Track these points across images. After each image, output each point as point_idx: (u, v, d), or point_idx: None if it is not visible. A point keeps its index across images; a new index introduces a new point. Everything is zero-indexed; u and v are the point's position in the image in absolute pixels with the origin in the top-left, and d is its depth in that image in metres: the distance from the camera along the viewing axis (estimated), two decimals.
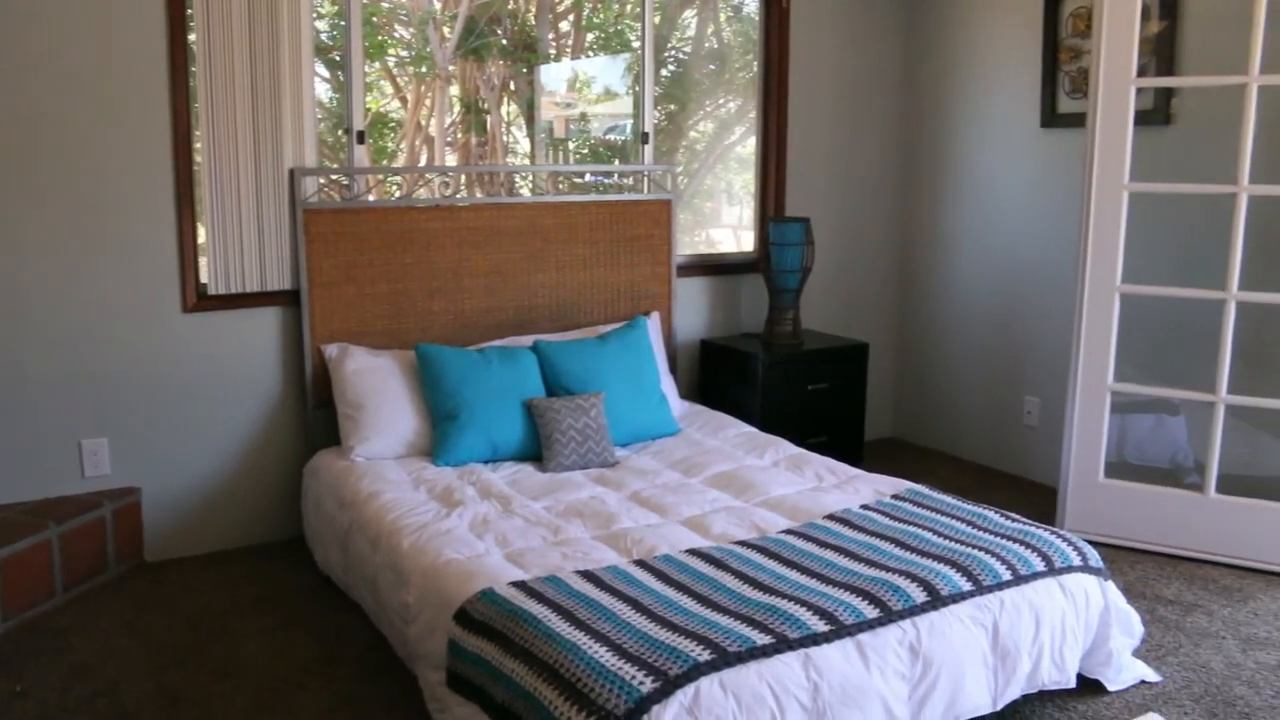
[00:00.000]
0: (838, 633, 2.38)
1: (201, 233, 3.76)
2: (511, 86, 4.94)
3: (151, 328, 3.70)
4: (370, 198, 4.02)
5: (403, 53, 4.85)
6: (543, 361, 3.87)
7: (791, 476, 3.52)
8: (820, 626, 2.37)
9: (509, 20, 4.79)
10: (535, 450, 3.68)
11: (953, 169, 4.99)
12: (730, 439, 3.94)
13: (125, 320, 3.65)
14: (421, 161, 4.90)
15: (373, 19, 4.56)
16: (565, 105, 4.98)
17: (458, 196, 4.19)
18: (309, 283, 3.85)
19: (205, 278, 3.78)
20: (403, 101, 4.87)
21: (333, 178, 3.96)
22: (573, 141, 4.98)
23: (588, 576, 2.64)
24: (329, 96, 4.28)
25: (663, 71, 4.99)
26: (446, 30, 4.68)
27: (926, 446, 5.28)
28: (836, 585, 2.57)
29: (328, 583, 3.59)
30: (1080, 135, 4.03)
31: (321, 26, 4.16)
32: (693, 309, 4.79)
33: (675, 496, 3.31)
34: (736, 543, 2.88)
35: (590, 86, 4.92)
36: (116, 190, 3.58)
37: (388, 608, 2.97)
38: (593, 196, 4.45)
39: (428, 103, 4.85)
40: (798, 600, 2.47)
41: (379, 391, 3.73)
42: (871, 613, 2.45)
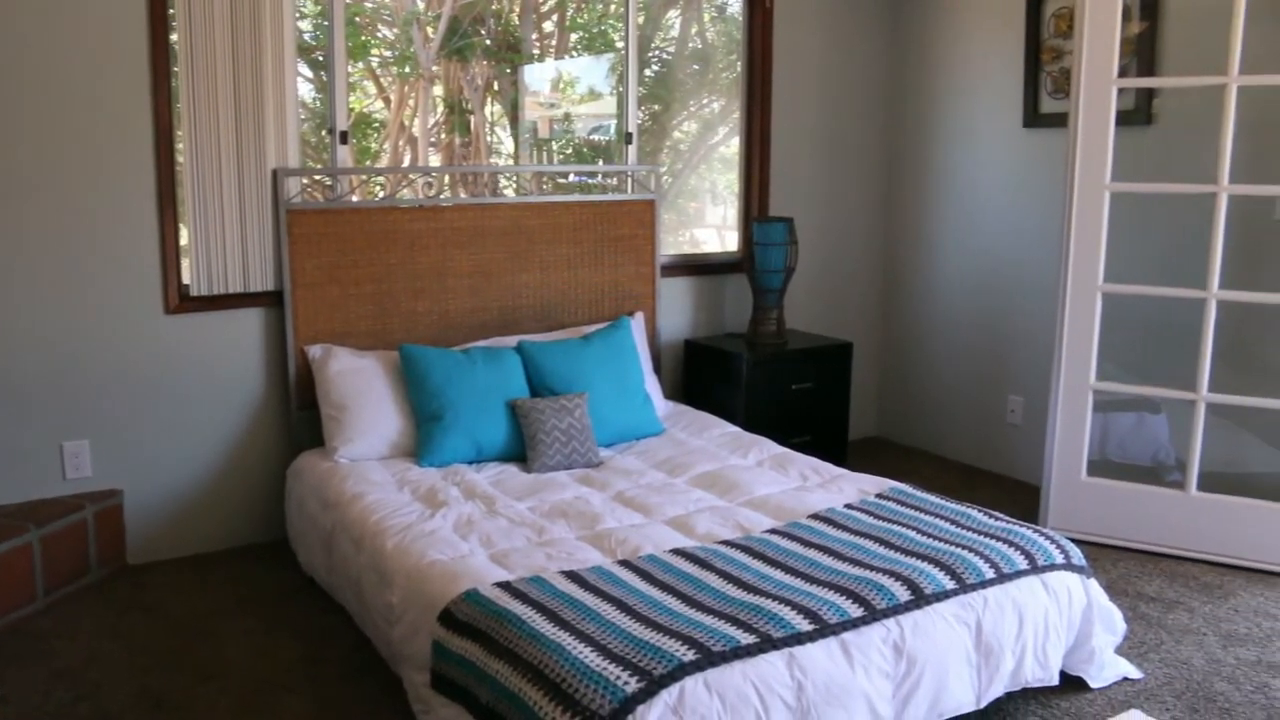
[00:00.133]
0: (822, 632, 2.38)
1: (184, 233, 3.74)
2: (495, 87, 4.93)
3: (133, 329, 3.68)
4: (354, 198, 4.00)
5: (386, 53, 4.83)
6: (527, 362, 3.87)
7: (776, 476, 3.52)
8: (804, 625, 2.38)
9: (493, 20, 4.78)
10: (519, 451, 3.68)
11: (936, 168, 5.01)
12: (714, 439, 3.94)
13: (107, 321, 3.63)
14: (405, 162, 4.89)
15: (356, 19, 4.55)
16: (549, 105, 4.97)
17: (441, 197, 4.18)
18: (292, 283, 3.83)
19: (187, 279, 3.76)
20: (386, 102, 4.86)
21: (316, 178, 3.95)
22: (557, 142, 4.97)
23: (572, 577, 2.64)
24: (312, 97, 4.27)
25: (646, 72, 4.99)
26: (430, 30, 4.67)
27: (910, 445, 5.30)
28: (821, 584, 2.57)
29: (311, 584, 3.58)
30: (1062, 135, 4.05)
31: (304, 26, 4.15)
32: (677, 309, 4.80)
33: (660, 496, 3.31)
34: (721, 542, 2.88)
35: (574, 87, 4.92)
36: (97, 191, 3.55)
37: (372, 609, 2.96)
38: (577, 197, 4.45)
39: (411, 103, 4.84)
40: (782, 599, 2.48)
41: (363, 392, 3.72)
42: (856, 611, 2.46)
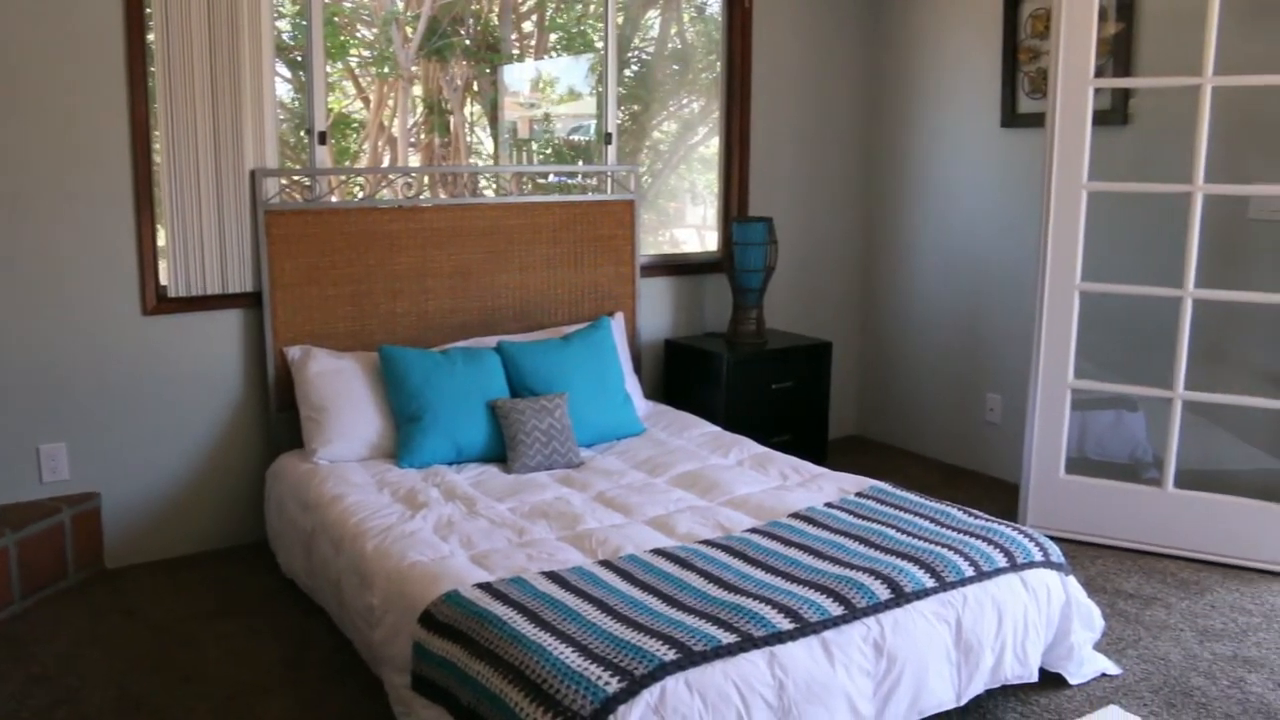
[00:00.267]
0: (802, 630, 2.39)
1: (161, 234, 3.72)
2: (475, 87, 4.93)
3: (110, 331, 3.65)
4: (333, 199, 3.99)
5: (365, 53, 4.82)
6: (507, 362, 3.86)
7: (756, 475, 3.53)
8: (785, 625, 2.39)
9: (472, 20, 4.77)
10: (500, 451, 3.68)
11: (915, 168, 5.03)
12: (695, 438, 3.95)
13: (83, 323, 3.60)
14: (384, 162, 4.87)
15: (335, 19, 4.53)
16: (529, 106, 4.97)
17: (421, 197, 4.17)
18: (271, 284, 3.82)
19: (165, 280, 3.74)
20: (365, 102, 4.84)
21: (294, 179, 3.93)
22: (536, 142, 4.97)
23: (553, 577, 2.64)
24: (290, 97, 4.25)
25: (626, 72, 5.00)
26: (409, 30, 4.66)
27: (890, 444, 5.32)
28: (801, 583, 2.58)
29: (291, 586, 3.56)
30: (1040, 135, 4.08)
31: (283, 26, 4.13)
32: (657, 309, 4.80)
33: (640, 496, 3.31)
34: (701, 542, 2.89)
35: (553, 87, 4.92)
36: (74, 191, 3.52)
37: (352, 611, 2.95)
38: (556, 197, 4.45)
39: (390, 103, 4.83)
40: (763, 599, 2.49)
41: (342, 394, 3.70)
42: (836, 610, 2.47)
